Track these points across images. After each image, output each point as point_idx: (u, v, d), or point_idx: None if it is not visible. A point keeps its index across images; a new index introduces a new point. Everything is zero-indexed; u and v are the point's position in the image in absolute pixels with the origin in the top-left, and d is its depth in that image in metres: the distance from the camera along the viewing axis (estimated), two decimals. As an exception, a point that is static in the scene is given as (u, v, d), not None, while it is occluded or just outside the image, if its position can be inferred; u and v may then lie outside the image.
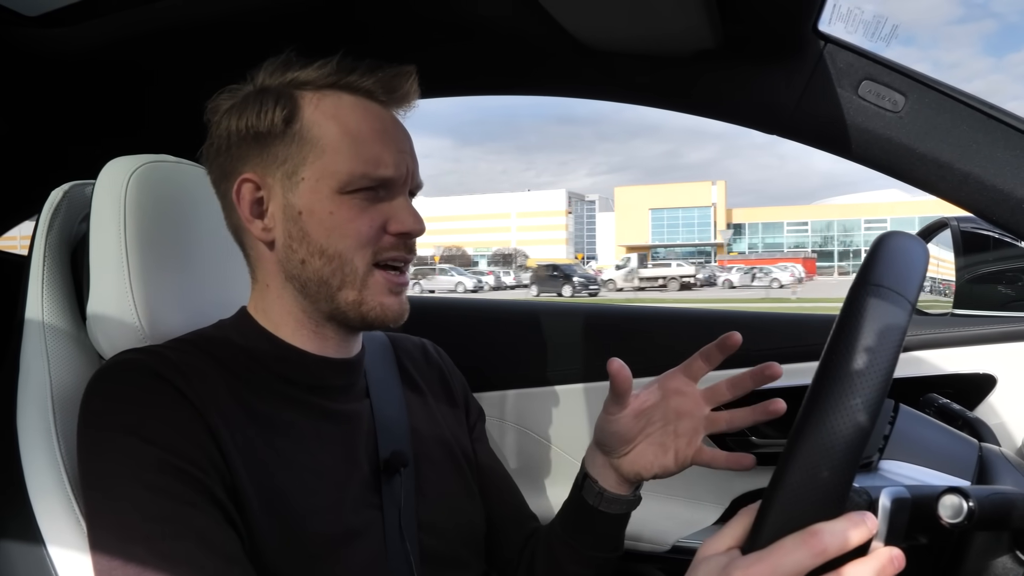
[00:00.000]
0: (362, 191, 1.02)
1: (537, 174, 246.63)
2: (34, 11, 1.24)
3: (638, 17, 1.15)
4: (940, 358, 1.64)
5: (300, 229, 1.02)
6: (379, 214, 1.03)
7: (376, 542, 1.04)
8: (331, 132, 1.02)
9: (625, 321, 2.01)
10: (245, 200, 1.04)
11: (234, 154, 1.05)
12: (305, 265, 1.03)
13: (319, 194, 1.01)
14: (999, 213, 1.15)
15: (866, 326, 0.68)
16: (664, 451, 1.12)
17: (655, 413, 1.12)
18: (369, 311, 1.04)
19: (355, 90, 1.05)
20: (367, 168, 1.01)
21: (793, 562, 0.66)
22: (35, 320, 1.10)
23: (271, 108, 1.02)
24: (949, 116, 1.15)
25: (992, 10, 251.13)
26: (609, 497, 1.15)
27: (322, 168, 1.01)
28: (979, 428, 1.18)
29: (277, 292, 1.08)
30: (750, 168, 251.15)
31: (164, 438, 0.90)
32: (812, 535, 0.66)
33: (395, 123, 1.08)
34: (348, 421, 1.10)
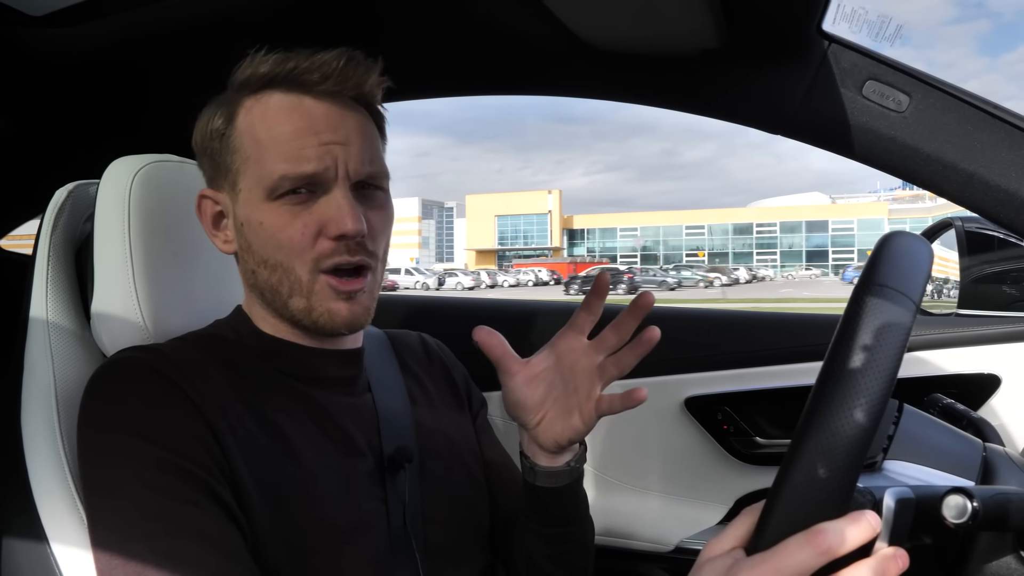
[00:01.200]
0: (289, 194, 0.98)
1: (533, 173, 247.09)
2: (38, 11, 1.24)
3: (642, 17, 1.14)
4: (944, 358, 1.63)
5: (246, 240, 1.03)
6: (313, 218, 0.99)
7: (381, 536, 1.04)
8: (257, 137, 0.99)
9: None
10: (206, 215, 1.06)
11: (200, 165, 1.08)
12: (256, 275, 1.04)
13: (252, 204, 1.00)
14: (1004, 213, 1.15)
15: (870, 326, 0.68)
16: (569, 413, 1.07)
17: (552, 377, 1.07)
18: (319, 317, 1.02)
19: (289, 85, 1.00)
20: (287, 167, 0.97)
21: (797, 562, 0.66)
22: (39, 319, 1.10)
23: (213, 119, 1.03)
24: (954, 116, 1.15)
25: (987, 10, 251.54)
26: (542, 471, 1.11)
27: (252, 176, 1.00)
28: (983, 428, 1.18)
29: (251, 298, 1.10)
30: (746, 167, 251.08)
31: (163, 436, 0.90)
32: (816, 535, 0.66)
33: (327, 114, 1.00)
34: (351, 415, 1.10)
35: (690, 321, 2.01)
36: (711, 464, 1.79)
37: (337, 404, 1.09)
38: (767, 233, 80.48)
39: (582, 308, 1.09)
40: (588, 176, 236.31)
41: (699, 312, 2.06)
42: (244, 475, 0.93)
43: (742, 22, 1.14)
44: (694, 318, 2.03)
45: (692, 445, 1.80)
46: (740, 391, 1.75)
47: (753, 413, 1.76)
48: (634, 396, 1.03)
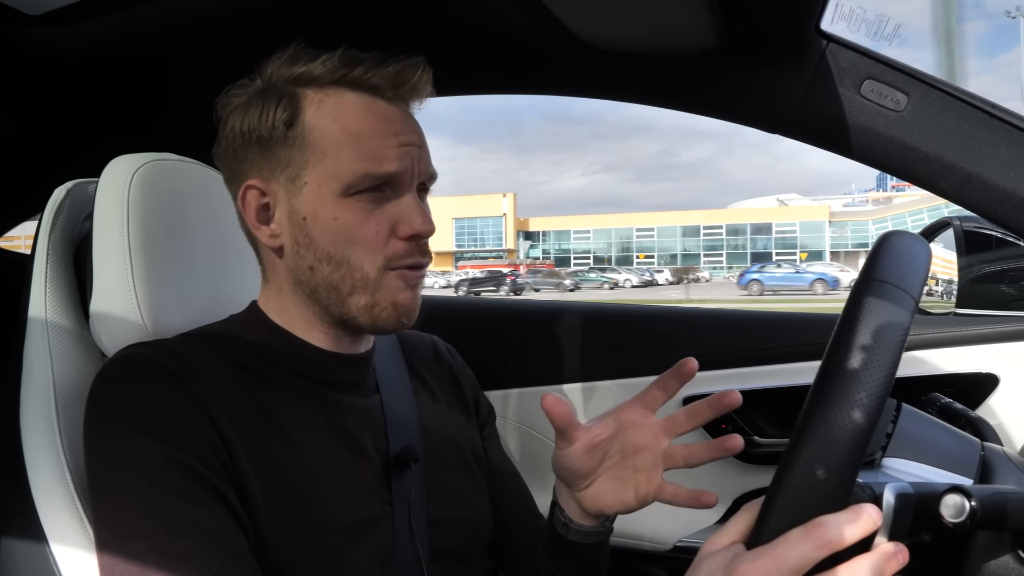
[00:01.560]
0: (366, 192, 0.99)
1: (531, 173, 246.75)
2: (37, 9, 1.24)
3: (641, 16, 1.15)
4: (942, 357, 1.64)
5: (306, 235, 1.01)
6: (386, 216, 1.00)
7: (386, 537, 1.04)
8: (332, 133, 0.99)
9: (628, 320, 2.01)
10: (251, 206, 1.03)
11: (239, 157, 1.04)
12: (314, 272, 1.02)
13: (322, 198, 0.99)
14: (1002, 212, 1.15)
15: (869, 322, 0.68)
16: (624, 486, 1.06)
17: (611, 447, 1.06)
18: (380, 313, 1.02)
19: (359, 86, 1.01)
20: (369, 166, 0.98)
21: (798, 555, 0.66)
22: (38, 318, 1.10)
23: (272, 110, 1.00)
24: (952, 115, 1.15)
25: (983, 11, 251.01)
26: (575, 528, 1.12)
27: (324, 171, 0.99)
28: (981, 427, 1.18)
29: (289, 296, 1.07)
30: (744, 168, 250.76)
31: (169, 434, 0.89)
32: (816, 527, 0.66)
33: (401, 117, 1.03)
34: (359, 415, 1.09)
35: (689, 321, 2.01)
36: (709, 463, 1.79)
37: (345, 405, 1.09)
38: (714, 236, 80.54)
39: (656, 386, 1.08)
40: (586, 176, 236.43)
41: (698, 311, 2.06)
42: (249, 473, 0.93)
43: (740, 21, 1.14)
44: (693, 317, 2.03)
45: (690, 444, 1.79)
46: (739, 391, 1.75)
47: (751, 413, 1.76)
48: (702, 499, 1.06)
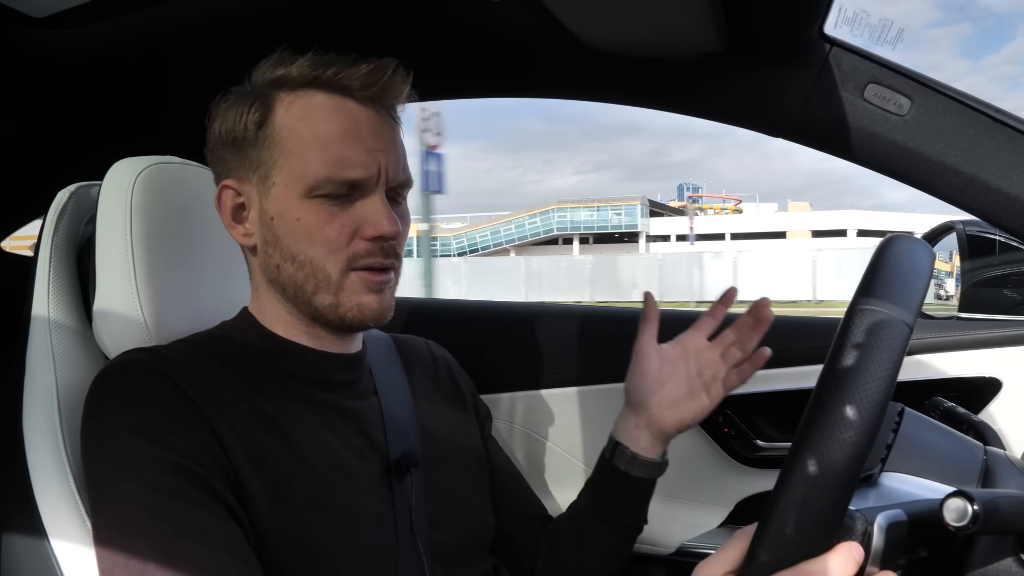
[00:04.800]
0: (330, 195, 1.00)
1: (523, 172, 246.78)
2: (40, 12, 1.24)
3: (644, 19, 1.15)
4: (945, 361, 1.63)
5: (273, 234, 1.03)
6: (350, 218, 1.01)
7: (388, 538, 1.04)
8: (299, 134, 1.00)
9: (628, 323, 2.01)
10: (226, 206, 1.06)
11: (218, 156, 1.07)
12: (280, 270, 1.04)
13: (288, 199, 1.01)
14: (1005, 217, 1.15)
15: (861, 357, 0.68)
16: (696, 394, 1.21)
17: (679, 366, 1.22)
18: (347, 312, 1.04)
19: (331, 87, 1.02)
20: (332, 170, 0.99)
21: None
22: (41, 320, 1.10)
23: (246, 112, 1.02)
24: (955, 120, 1.15)
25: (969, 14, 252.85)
26: (640, 460, 1.21)
27: (290, 172, 1.00)
28: (984, 432, 1.18)
29: (265, 295, 1.09)
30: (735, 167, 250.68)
31: (166, 436, 0.90)
32: (800, 571, 0.67)
33: (371, 120, 1.03)
34: (356, 417, 1.10)
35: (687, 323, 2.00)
36: (712, 467, 1.79)
37: (343, 407, 1.09)
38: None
39: (708, 315, 1.27)
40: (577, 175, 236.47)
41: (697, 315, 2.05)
42: (248, 476, 0.93)
43: (743, 25, 1.14)
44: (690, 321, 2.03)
45: (693, 448, 1.79)
46: (741, 394, 1.74)
47: (754, 416, 1.75)
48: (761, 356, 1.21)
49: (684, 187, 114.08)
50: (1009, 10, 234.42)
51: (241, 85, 1.07)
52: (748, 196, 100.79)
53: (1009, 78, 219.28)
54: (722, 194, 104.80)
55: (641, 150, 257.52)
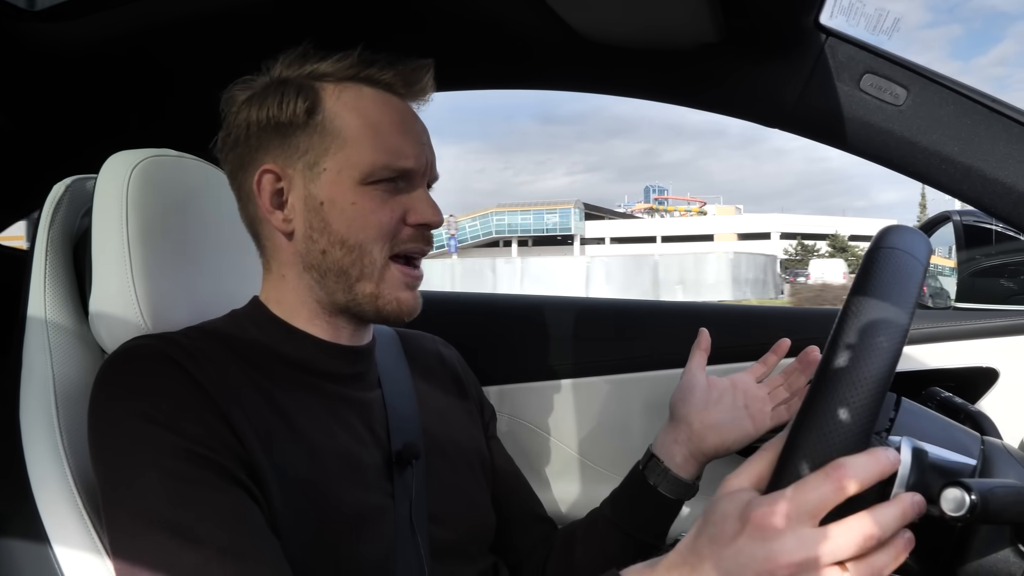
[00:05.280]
0: (383, 182, 1.03)
1: (515, 173, 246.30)
2: (35, 5, 1.24)
3: (639, 10, 1.14)
4: (942, 352, 1.63)
5: (321, 219, 1.03)
6: (399, 205, 1.05)
7: (387, 531, 1.04)
8: (353, 123, 1.03)
9: (622, 315, 2.01)
10: (265, 190, 1.05)
11: (253, 144, 1.06)
12: (326, 255, 1.04)
13: (341, 185, 1.03)
14: (1001, 207, 1.15)
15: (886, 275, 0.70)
16: (740, 421, 1.26)
17: (726, 395, 1.28)
18: (385, 305, 1.06)
19: (375, 83, 1.06)
20: (389, 159, 1.03)
21: (817, 497, 0.66)
22: (37, 315, 1.10)
23: (293, 99, 1.03)
24: (951, 109, 1.15)
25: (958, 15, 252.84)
26: (671, 477, 1.23)
27: (344, 159, 1.02)
28: (981, 421, 1.18)
29: (293, 282, 1.08)
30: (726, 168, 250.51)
31: (178, 423, 0.90)
32: (835, 468, 0.67)
33: (413, 116, 1.10)
34: (361, 409, 1.10)
35: (683, 316, 2.01)
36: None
37: (348, 398, 1.10)
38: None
39: (759, 363, 1.35)
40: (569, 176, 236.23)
41: (692, 307, 2.06)
42: (261, 461, 0.93)
43: (739, 15, 1.14)
44: (687, 313, 2.03)
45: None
46: None
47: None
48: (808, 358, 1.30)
49: (650, 189, 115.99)
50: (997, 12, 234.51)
51: (251, 76, 1.08)
52: (712, 198, 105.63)
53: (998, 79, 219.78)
54: (687, 196, 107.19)
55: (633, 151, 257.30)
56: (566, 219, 69.39)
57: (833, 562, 0.66)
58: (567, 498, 1.76)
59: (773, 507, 0.68)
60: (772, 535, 0.67)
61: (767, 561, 0.67)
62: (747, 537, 0.68)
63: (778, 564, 0.66)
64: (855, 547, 0.66)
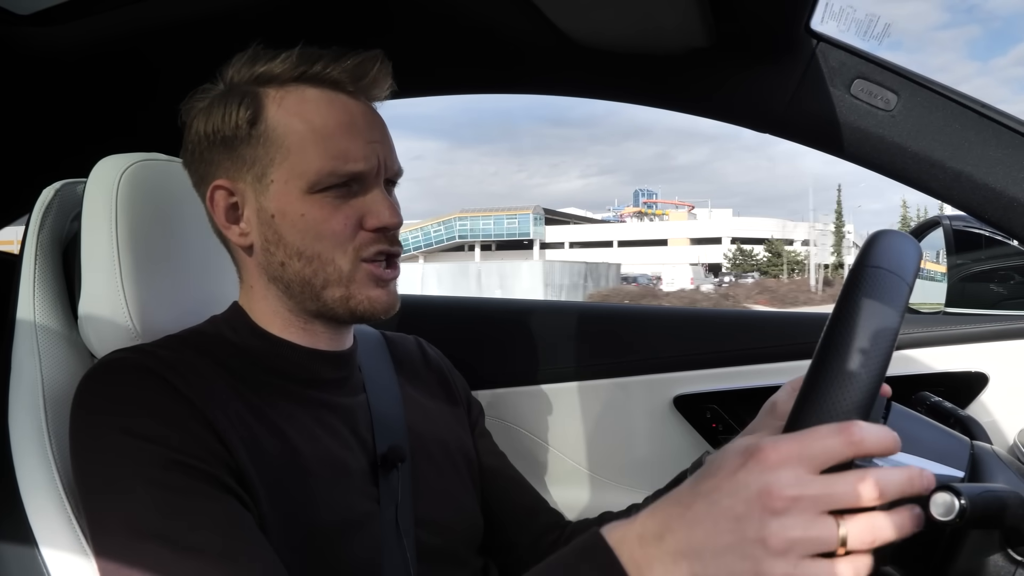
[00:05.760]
0: (332, 188, 1.00)
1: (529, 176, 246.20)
2: (26, 9, 1.23)
3: (630, 15, 1.14)
4: (932, 356, 1.64)
5: (275, 232, 1.02)
6: (353, 210, 1.02)
7: (373, 536, 1.04)
8: (295, 130, 1.00)
9: (617, 319, 2.01)
10: (219, 207, 1.04)
11: (205, 159, 1.05)
12: (285, 267, 1.03)
13: (289, 196, 1.00)
14: (991, 211, 1.15)
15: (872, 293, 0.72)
16: None
17: None
18: (357, 305, 1.04)
19: (320, 82, 1.02)
20: (335, 164, 0.99)
21: (824, 447, 0.65)
22: (26, 319, 1.09)
23: (235, 110, 1.01)
24: (941, 115, 1.15)
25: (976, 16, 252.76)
26: None
27: (289, 169, 1.00)
28: (971, 426, 1.18)
29: (262, 292, 1.08)
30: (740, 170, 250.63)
31: (163, 434, 0.89)
32: (849, 425, 0.66)
33: (364, 112, 1.05)
34: (345, 414, 1.10)
35: (678, 320, 2.01)
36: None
37: (332, 404, 1.09)
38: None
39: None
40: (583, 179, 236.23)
41: (687, 311, 2.06)
42: (248, 468, 0.92)
43: (730, 20, 1.14)
44: (682, 317, 2.03)
45: (681, 443, 1.80)
46: (728, 389, 1.75)
47: (742, 411, 1.76)
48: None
49: (640, 193, 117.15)
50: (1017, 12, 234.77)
51: (209, 84, 1.06)
52: (700, 202, 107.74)
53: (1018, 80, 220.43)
54: (675, 200, 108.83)
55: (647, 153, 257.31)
56: (525, 224, 71.36)
57: (829, 509, 0.64)
58: (560, 503, 1.75)
59: (778, 444, 0.66)
60: (772, 467, 0.65)
61: (761, 492, 0.64)
62: (746, 470, 0.66)
63: (772, 496, 0.64)
64: (852, 498, 0.64)
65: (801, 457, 0.65)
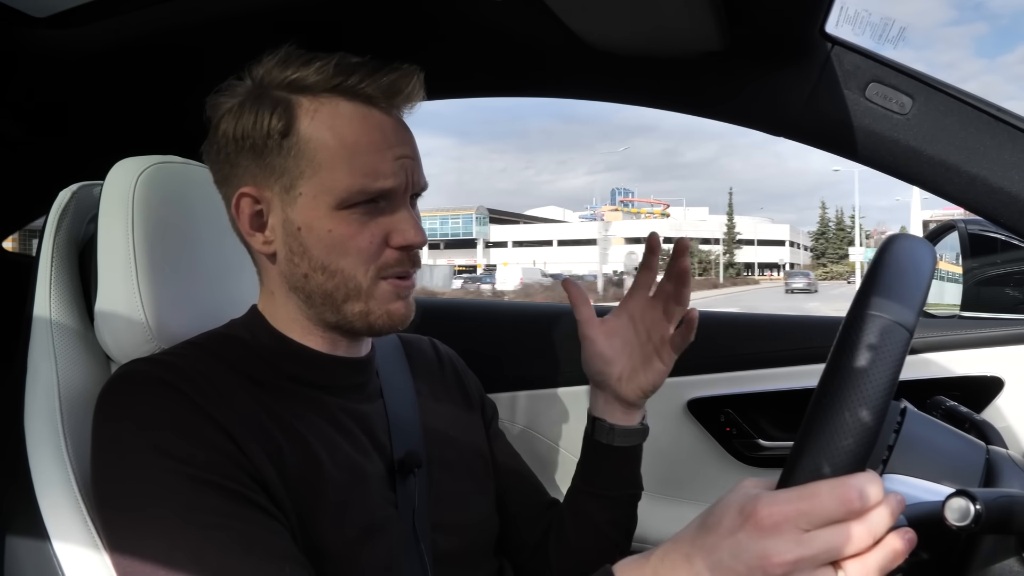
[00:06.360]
0: (361, 205, 1.00)
1: (537, 172, 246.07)
2: (43, 12, 1.24)
3: (645, 19, 1.14)
4: (947, 360, 1.63)
5: (300, 244, 1.01)
6: (379, 228, 1.02)
7: (391, 541, 1.03)
8: (327, 145, 0.99)
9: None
10: (244, 214, 1.04)
11: (232, 162, 1.04)
12: (308, 279, 1.03)
13: (317, 211, 1.00)
14: (1007, 216, 1.15)
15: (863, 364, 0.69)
16: (650, 360, 1.21)
17: (627, 333, 1.22)
18: (376, 320, 1.04)
19: (354, 95, 1.01)
20: (365, 182, 0.99)
21: (821, 508, 0.66)
22: (43, 320, 1.10)
23: (267, 117, 1.00)
24: (956, 118, 1.15)
25: (983, 13, 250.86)
26: (620, 430, 1.22)
27: (319, 183, 0.99)
28: (986, 430, 1.18)
29: (283, 300, 1.08)
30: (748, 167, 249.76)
31: (190, 453, 0.88)
32: (844, 482, 0.67)
33: (395, 128, 1.04)
34: (364, 420, 1.10)
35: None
36: (714, 466, 1.79)
37: (350, 410, 1.09)
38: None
39: (642, 267, 1.24)
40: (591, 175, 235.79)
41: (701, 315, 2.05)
42: (273, 478, 0.92)
43: (745, 24, 1.14)
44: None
45: (695, 447, 1.79)
46: (743, 393, 1.75)
47: (756, 415, 1.76)
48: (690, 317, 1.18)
49: (616, 192, 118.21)
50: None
51: (235, 80, 1.05)
52: (675, 201, 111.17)
53: None
54: (651, 199, 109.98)
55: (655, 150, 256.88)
56: (468, 224, 73.54)
57: (827, 562, 0.66)
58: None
59: (775, 507, 0.68)
60: (768, 532, 0.67)
61: (761, 558, 0.67)
62: (745, 532, 0.69)
63: (771, 563, 0.66)
64: (848, 550, 0.66)
65: (798, 519, 0.67)
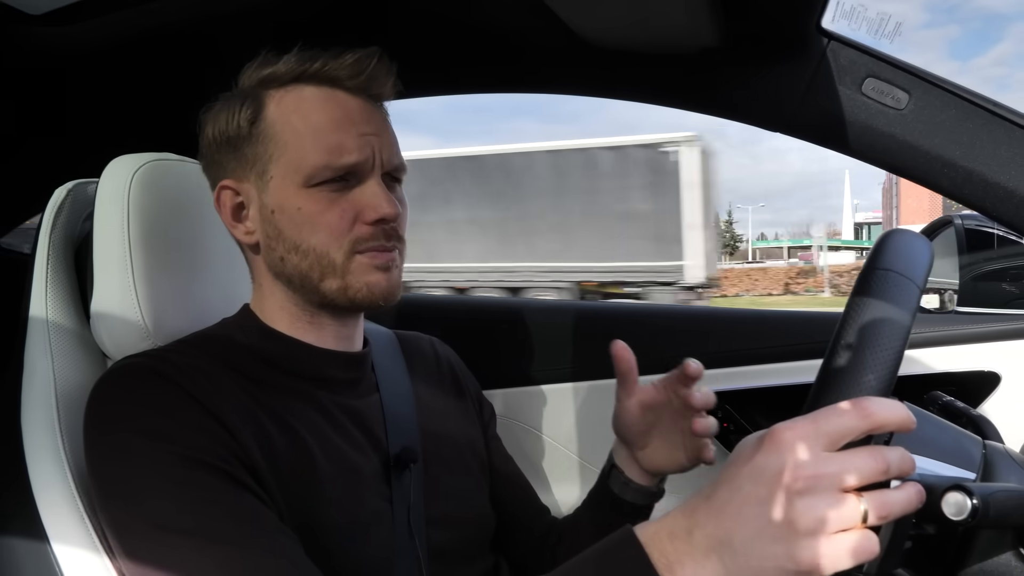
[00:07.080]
0: (328, 183, 1.01)
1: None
2: (38, 9, 1.24)
3: (642, 14, 1.14)
4: (944, 356, 1.63)
5: (275, 227, 1.04)
6: (349, 204, 1.03)
7: (385, 537, 1.04)
8: (292, 126, 1.02)
9: (627, 318, 2.01)
10: (226, 207, 1.07)
11: (215, 160, 1.08)
12: (285, 262, 1.04)
13: (287, 190, 1.02)
14: (1003, 210, 1.15)
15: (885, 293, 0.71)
16: (675, 449, 1.17)
17: (663, 411, 1.17)
18: (356, 294, 1.04)
19: (319, 80, 1.04)
20: (329, 158, 1.01)
21: (839, 424, 0.66)
22: (39, 318, 1.10)
23: (238, 111, 1.03)
24: (953, 113, 1.15)
25: (956, 16, 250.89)
26: (633, 487, 1.21)
27: (287, 163, 1.02)
28: (983, 425, 1.18)
29: (269, 290, 1.09)
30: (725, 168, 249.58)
31: (180, 435, 0.89)
32: (862, 399, 0.66)
33: (361, 107, 1.06)
34: (358, 416, 1.10)
35: (687, 319, 2.01)
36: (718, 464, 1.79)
37: (344, 406, 1.09)
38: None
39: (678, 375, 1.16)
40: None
41: (697, 310, 2.06)
42: (263, 467, 0.93)
43: (741, 20, 1.14)
44: (693, 316, 2.03)
45: (692, 443, 1.79)
46: (740, 389, 1.75)
47: (753, 411, 1.75)
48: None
49: None
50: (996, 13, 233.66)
51: (227, 91, 1.09)
52: None
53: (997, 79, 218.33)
54: None
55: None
56: None
57: (846, 486, 0.65)
58: (569, 500, 1.76)
59: (792, 425, 0.66)
60: (788, 447, 0.65)
61: (780, 472, 0.65)
62: (763, 452, 0.67)
63: (792, 475, 0.64)
64: (869, 473, 0.65)
65: (817, 435, 0.66)
